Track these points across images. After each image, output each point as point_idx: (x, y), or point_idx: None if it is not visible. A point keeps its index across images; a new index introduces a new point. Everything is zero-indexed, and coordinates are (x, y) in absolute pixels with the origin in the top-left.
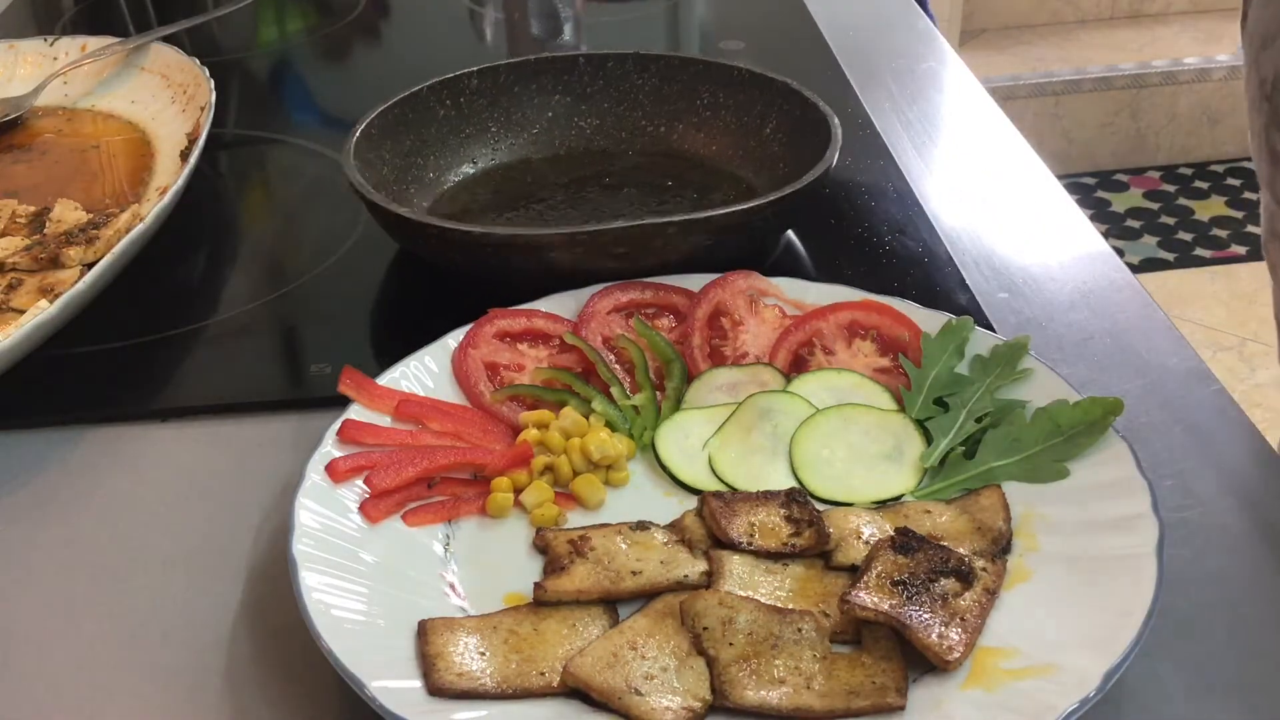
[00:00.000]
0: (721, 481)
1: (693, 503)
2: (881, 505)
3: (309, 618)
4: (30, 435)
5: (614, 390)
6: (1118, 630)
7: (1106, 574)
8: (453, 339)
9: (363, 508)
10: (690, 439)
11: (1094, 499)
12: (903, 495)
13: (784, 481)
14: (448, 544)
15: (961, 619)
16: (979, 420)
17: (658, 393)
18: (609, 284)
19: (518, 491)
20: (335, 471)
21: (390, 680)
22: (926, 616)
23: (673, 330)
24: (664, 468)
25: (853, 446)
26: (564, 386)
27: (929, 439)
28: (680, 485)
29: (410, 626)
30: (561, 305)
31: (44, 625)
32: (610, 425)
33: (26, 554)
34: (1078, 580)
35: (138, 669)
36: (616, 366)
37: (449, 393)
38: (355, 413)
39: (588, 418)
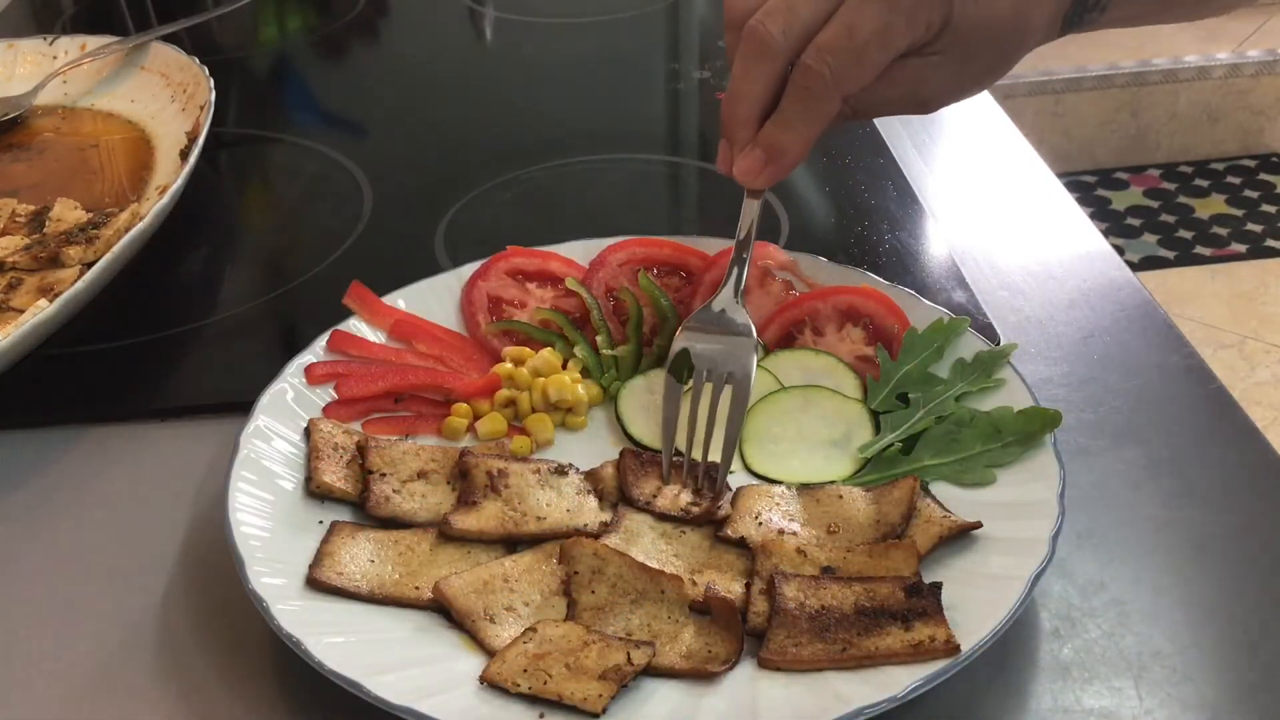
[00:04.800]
0: None
1: None
2: (806, 486)
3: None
4: (30, 435)
5: (599, 338)
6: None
7: (974, 588)
8: (469, 269)
9: (328, 410)
10: (655, 396)
11: (1002, 516)
12: (835, 480)
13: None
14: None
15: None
16: (939, 420)
17: (644, 348)
18: (628, 237)
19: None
20: (312, 376)
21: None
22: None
23: (680, 290)
24: (619, 419)
25: (803, 428)
26: (556, 328)
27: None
28: (630, 439)
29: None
30: (581, 251)
31: (44, 625)
32: (588, 372)
33: (26, 554)
34: (947, 593)
35: (138, 669)
36: (612, 317)
37: (452, 320)
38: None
39: (566, 361)
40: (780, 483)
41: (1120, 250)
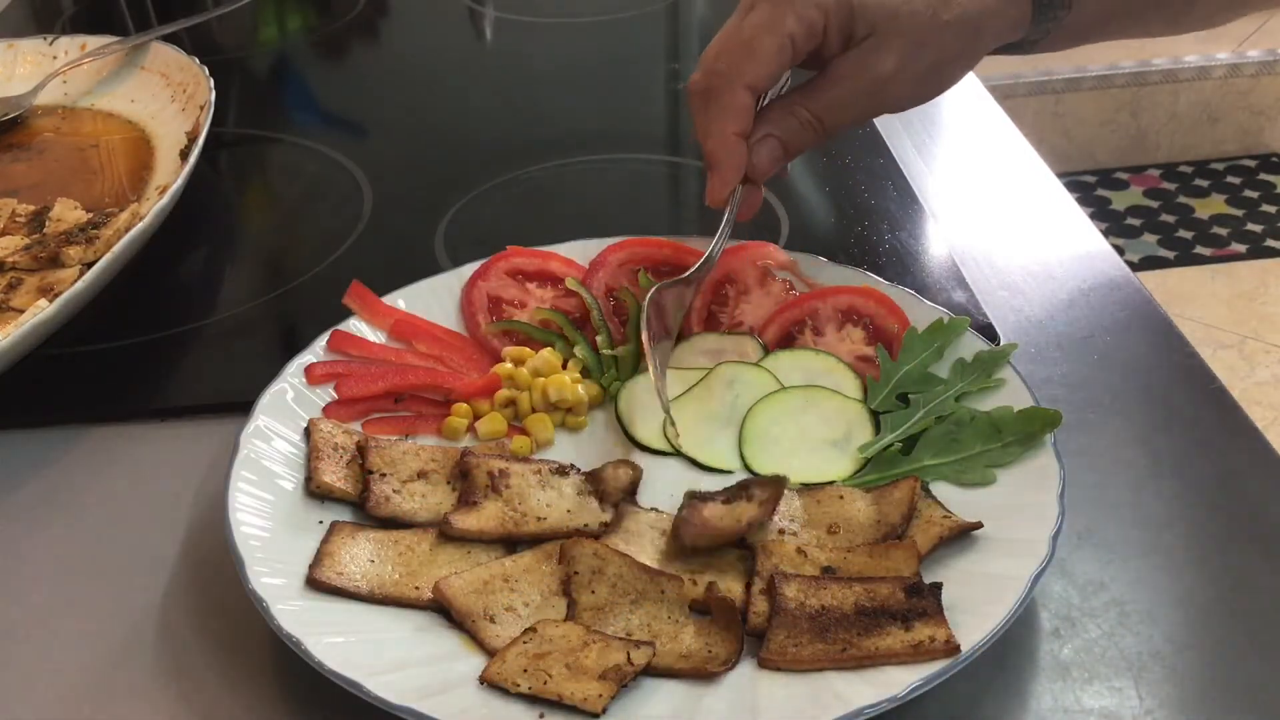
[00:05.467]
0: (668, 442)
1: (639, 458)
2: (806, 486)
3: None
4: (30, 435)
5: (599, 338)
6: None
7: (974, 588)
8: (469, 269)
9: (328, 410)
10: (655, 396)
11: (1002, 516)
12: (835, 480)
13: (727, 450)
14: None
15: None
16: (939, 420)
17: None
18: (628, 237)
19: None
20: (312, 376)
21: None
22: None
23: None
24: (619, 420)
25: (803, 429)
26: (556, 328)
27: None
28: (630, 439)
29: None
30: (582, 251)
31: (44, 625)
32: (588, 372)
33: (27, 554)
34: (947, 593)
35: (138, 669)
36: (612, 317)
37: (452, 320)
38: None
39: (566, 361)
40: None
41: (1120, 250)
